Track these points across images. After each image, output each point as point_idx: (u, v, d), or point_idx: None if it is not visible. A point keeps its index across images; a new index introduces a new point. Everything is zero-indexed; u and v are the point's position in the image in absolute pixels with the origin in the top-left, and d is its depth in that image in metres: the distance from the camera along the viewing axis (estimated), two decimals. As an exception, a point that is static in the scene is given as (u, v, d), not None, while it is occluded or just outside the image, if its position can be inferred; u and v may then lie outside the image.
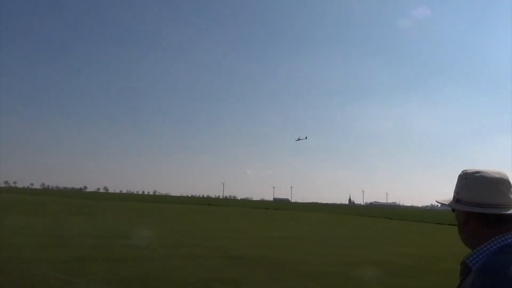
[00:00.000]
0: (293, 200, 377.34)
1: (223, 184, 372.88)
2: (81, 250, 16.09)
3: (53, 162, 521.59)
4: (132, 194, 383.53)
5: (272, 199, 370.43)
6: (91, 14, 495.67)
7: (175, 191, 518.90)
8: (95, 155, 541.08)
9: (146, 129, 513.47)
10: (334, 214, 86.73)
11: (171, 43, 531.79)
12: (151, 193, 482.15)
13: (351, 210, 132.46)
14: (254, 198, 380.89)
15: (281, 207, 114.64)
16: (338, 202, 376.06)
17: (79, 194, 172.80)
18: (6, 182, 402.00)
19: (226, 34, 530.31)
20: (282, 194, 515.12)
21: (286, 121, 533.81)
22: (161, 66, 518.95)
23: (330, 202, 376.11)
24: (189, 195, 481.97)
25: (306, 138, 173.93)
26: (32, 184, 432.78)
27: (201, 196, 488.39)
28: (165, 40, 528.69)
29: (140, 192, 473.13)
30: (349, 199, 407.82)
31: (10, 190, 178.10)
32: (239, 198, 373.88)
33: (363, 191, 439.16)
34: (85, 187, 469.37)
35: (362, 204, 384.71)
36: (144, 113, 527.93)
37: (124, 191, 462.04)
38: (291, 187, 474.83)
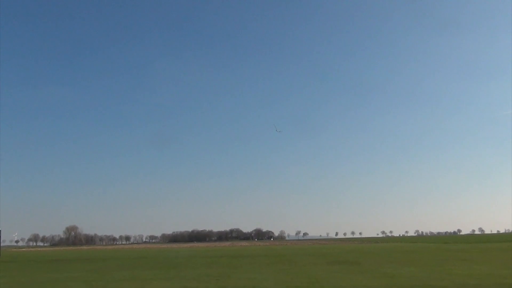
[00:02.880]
0: None
1: None
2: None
3: (423, 210, 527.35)
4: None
5: None
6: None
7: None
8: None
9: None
10: None
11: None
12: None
13: None
14: None
15: None
16: None
17: (453, 238, 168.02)
18: (383, 232, 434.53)
19: None
20: None
21: None
22: None
23: None
24: None
25: (281, 131, 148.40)
26: (406, 232, 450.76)
27: None
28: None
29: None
30: None
31: (387, 240, 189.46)
32: None
33: None
34: (459, 230, 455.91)
35: None
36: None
37: (501, 230, 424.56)
38: None
